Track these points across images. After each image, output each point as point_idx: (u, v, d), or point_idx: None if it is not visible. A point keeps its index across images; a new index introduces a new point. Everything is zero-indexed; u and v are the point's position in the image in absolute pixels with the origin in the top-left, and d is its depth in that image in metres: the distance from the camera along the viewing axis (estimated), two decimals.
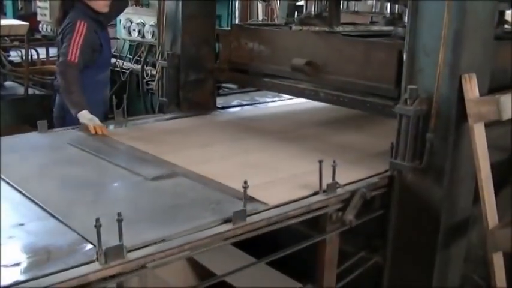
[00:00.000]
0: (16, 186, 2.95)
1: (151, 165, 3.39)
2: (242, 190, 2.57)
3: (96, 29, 4.60)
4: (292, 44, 4.32)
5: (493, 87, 3.23)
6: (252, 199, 2.76)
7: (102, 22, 4.74)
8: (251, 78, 4.71)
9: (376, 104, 3.70)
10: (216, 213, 2.64)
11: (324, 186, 2.91)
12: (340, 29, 4.35)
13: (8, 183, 3.00)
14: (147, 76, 6.84)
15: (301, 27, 4.23)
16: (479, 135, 3.00)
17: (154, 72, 5.98)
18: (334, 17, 4.38)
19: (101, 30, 4.72)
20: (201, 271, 3.43)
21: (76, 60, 4.39)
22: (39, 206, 2.72)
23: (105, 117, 4.60)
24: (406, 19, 3.39)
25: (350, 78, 3.92)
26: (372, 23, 5.90)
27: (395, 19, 4.73)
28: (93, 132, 4.01)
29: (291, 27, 4.33)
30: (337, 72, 4.01)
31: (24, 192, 2.88)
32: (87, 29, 4.47)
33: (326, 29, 4.28)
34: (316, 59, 4.10)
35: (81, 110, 4.14)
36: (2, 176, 3.07)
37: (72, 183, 3.09)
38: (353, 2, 8.78)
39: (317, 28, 4.21)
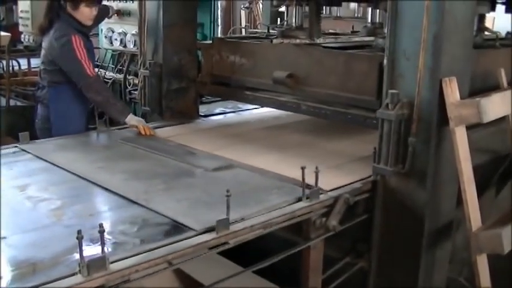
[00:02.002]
0: (89, 179, 3.23)
1: (205, 159, 3.70)
2: (298, 178, 2.92)
3: (84, 41, 4.59)
4: (274, 57, 4.32)
5: (473, 91, 3.25)
6: (308, 186, 2.96)
7: (87, 34, 4.74)
8: (233, 91, 4.70)
9: (357, 115, 3.72)
10: (281, 197, 2.97)
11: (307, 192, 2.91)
12: (321, 40, 4.35)
13: (79, 176, 3.29)
14: (129, 85, 6.84)
15: (282, 40, 4.23)
16: (460, 138, 3.01)
17: (136, 82, 5.97)
18: (315, 28, 4.39)
19: (88, 42, 4.72)
20: (188, 282, 3.42)
21: (94, 73, 4.51)
22: (118, 194, 2.99)
23: (86, 127, 4.60)
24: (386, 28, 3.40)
25: (331, 90, 3.93)
26: (354, 32, 5.91)
27: (376, 28, 4.74)
28: (143, 132, 4.30)
29: (271, 40, 4.33)
30: (318, 84, 4.02)
31: (99, 183, 3.16)
32: (82, 42, 4.49)
33: (307, 41, 4.28)
34: (297, 72, 4.10)
35: (128, 115, 4.37)
36: (69, 169, 3.39)
37: (140, 175, 3.36)
38: (336, 8, 8.83)
39: (298, 41, 4.20)
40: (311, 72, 4.06)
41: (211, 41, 5.01)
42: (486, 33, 4.48)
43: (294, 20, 4.44)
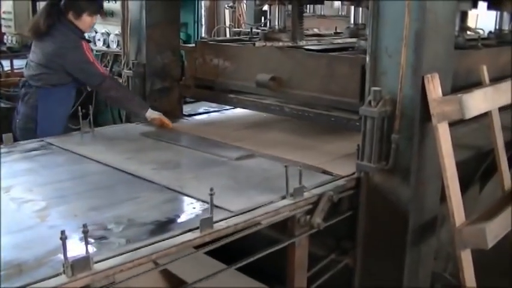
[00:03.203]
0: (121, 168, 3.42)
1: (226, 149, 3.89)
2: (316, 165, 3.32)
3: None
4: (257, 59, 4.35)
5: (456, 88, 3.27)
6: (326, 172, 3.37)
7: (88, 40, 4.82)
8: (217, 94, 4.72)
9: (340, 118, 3.77)
10: (303, 182, 3.00)
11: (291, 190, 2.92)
12: (304, 43, 4.37)
13: (111, 166, 3.48)
14: None
15: (264, 43, 4.23)
16: (443, 134, 3.03)
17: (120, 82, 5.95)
18: (298, 31, 4.41)
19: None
20: (175, 282, 3.41)
21: (106, 72, 4.65)
22: (152, 182, 3.19)
23: (65, 129, 4.61)
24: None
25: (314, 93, 3.96)
26: (337, 33, 5.92)
27: (359, 29, 4.76)
28: (167, 124, 4.50)
29: (254, 44, 4.33)
30: (301, 87, 4.05)
31: (131, 172, 3.35)
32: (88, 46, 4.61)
33: (290, 43, 4.29)
34: (280, 75, 4.13)
35: (148, 109, 4.51)
36: (100, 160, 3.58)
37: (168, 165, 3.55)
38: (319, 6, 8.84)
39: (281, 43, 4.22)
40: (294, 75, 4.09)
41: (194, 44, 5.01)
42: (469, 32, 4.51)
43: (276, 20, 4.44)
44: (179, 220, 2.70)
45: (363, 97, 3.29)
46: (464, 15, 4.51)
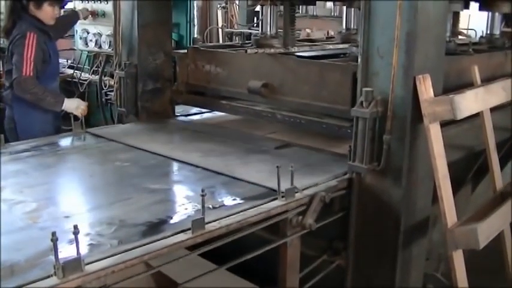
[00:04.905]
0: (170, 156, 3.67)
1: (263, 140, 4.14)
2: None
3: (45, 40, 4.63)
4: (249, 66, 4.35)
5: (447, 90, 3.27)
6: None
7: (49, 33, 4.75)
8: (209, 100, 4.73)
9: (332, 125, 3.78)
10: (341, 168, 3.36)
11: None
12: (295, 49, 4.37)
13: (159, 154, 3.72)
14: (105, 87, 6.78)
15: (256, 50, 4.23)
16: (435, 134, 3.03)
17: (112, 83, 5.94)
18: (289, 37, 4.41)
19: (49, 41, 4.74)
20: (166, 282, 3.41)
21: (31, 74, 4.49)
22: (202, 167, 3.44)
23: (59, 129, 4.59)
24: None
25: (306, 99, 3.97)
26: (329, 38, 5.92)
27: (351, 34, 4.76)
28: (83, 114, 4.63)
29: (246, 50, 4.33)
30: (293, 93, 4.05)
31: (178, 159, 3.61)
32: (37, 40, 4.48)
33: (282, 50, 4.29)
34: (272, 81, 4.13)
35: (63, 103, 4.59)
36: (147, 149, 3.81)
37: (213, 153, 3.77)
38: (312, 6, 8.85)
39: (272, 50, 4.21)
40: (286, 82, 4.09)
41: (186, 50, 5.00)
42: (460, 37, 4.53)
43: (268, 22, 4.44)
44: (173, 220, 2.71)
45: (354, 104, 3.28)
46: (456, 19, 4.52)
